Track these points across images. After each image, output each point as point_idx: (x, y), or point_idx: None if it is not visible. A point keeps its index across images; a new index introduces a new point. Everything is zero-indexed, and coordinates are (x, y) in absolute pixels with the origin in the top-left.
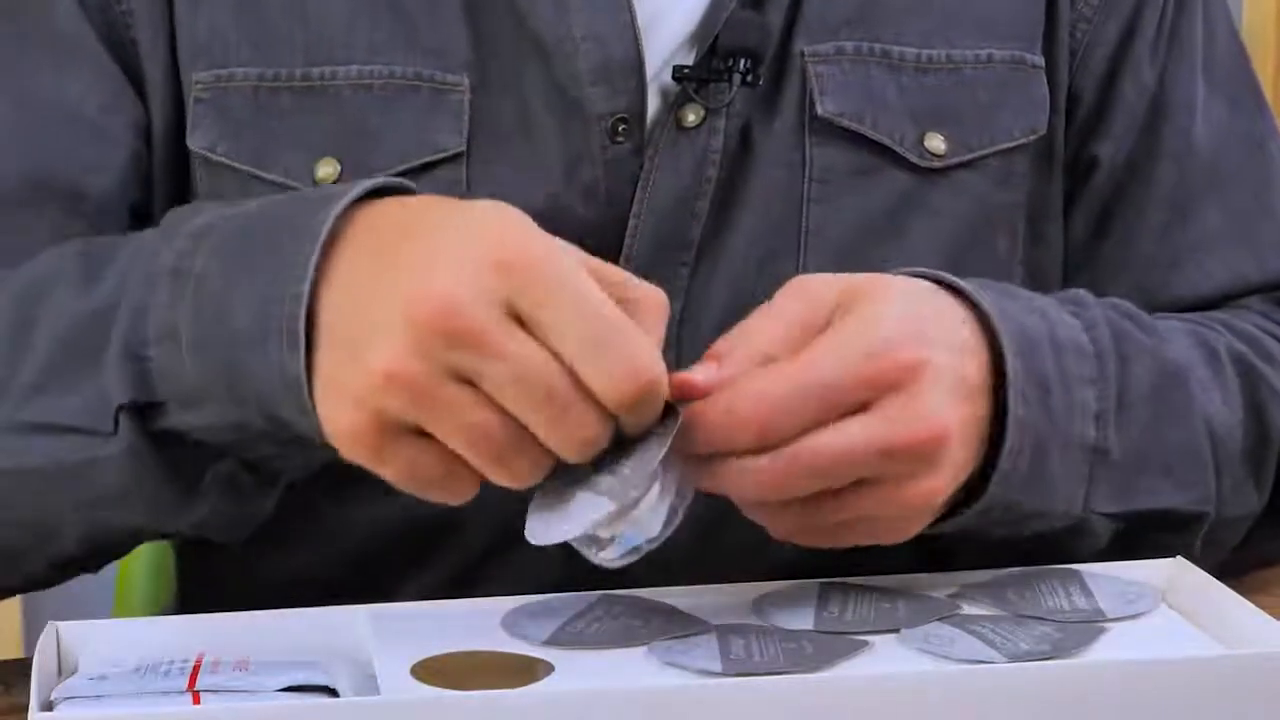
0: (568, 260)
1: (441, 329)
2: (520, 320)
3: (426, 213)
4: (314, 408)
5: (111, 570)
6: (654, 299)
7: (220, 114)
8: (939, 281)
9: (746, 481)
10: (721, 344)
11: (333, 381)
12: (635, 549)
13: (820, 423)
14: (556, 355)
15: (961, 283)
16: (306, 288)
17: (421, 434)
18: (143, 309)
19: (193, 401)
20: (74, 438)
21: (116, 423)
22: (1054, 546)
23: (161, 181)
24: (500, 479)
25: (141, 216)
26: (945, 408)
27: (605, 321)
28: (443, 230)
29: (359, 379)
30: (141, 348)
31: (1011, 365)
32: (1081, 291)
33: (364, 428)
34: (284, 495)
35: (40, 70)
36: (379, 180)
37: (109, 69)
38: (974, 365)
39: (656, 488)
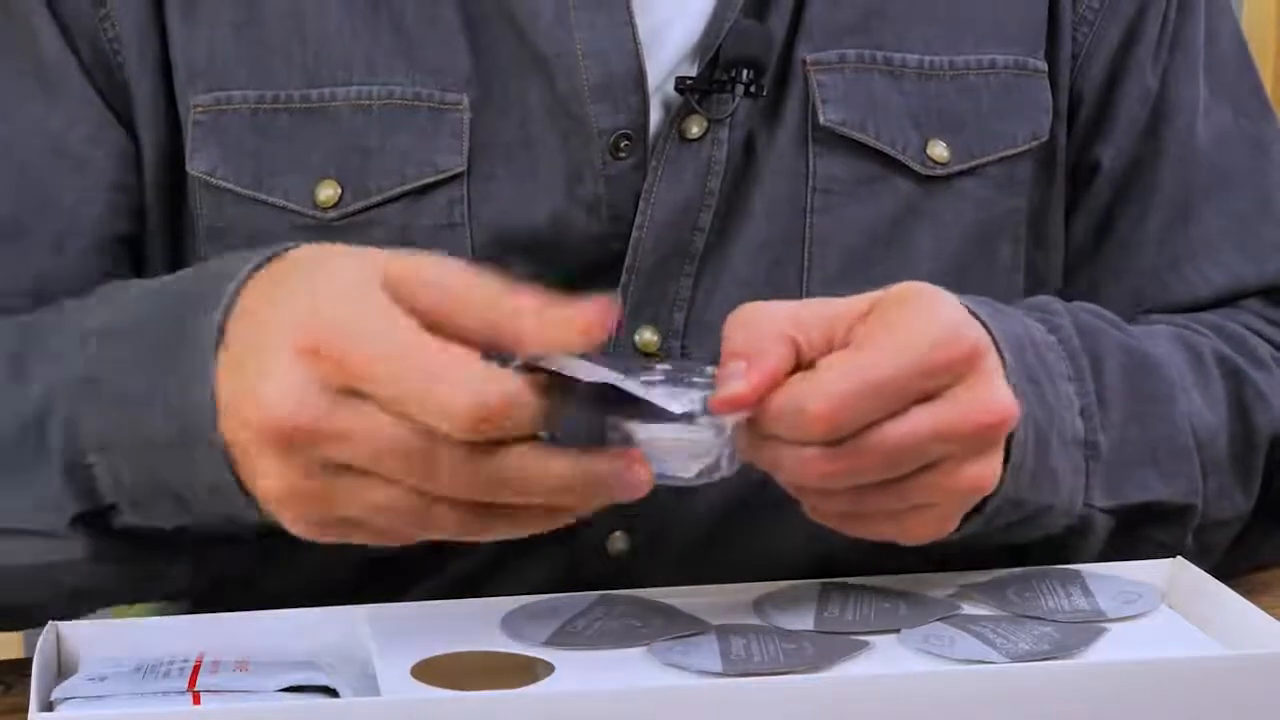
0: (379, 322)
1: (289, 441)
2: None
3: (270, 290)
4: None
5: None
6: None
7: (219, 137)
8: None
9: (810, 470)
10: (734, 336)
11: (261, 494)
12: (664, 476)
13: (887, 413)
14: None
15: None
16: (209, 398)
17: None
18: (74, 420)
19: (140, 505)
20: (35, 540)
21: (75, 530)
22: (1054, 551)
23: (156, 208)
24: (438, 533)
25: (133, 247)
26: (1005, 391)
27: (419, 372)
28: (269, 321)
29: (268, 499)
30: (81, 457)
31: (1007, 360)
32: (1046, 298)
33: (308, 527)
34: None
35: (28, 101)
36: (257, 255)
37: (92, 100)
38: None
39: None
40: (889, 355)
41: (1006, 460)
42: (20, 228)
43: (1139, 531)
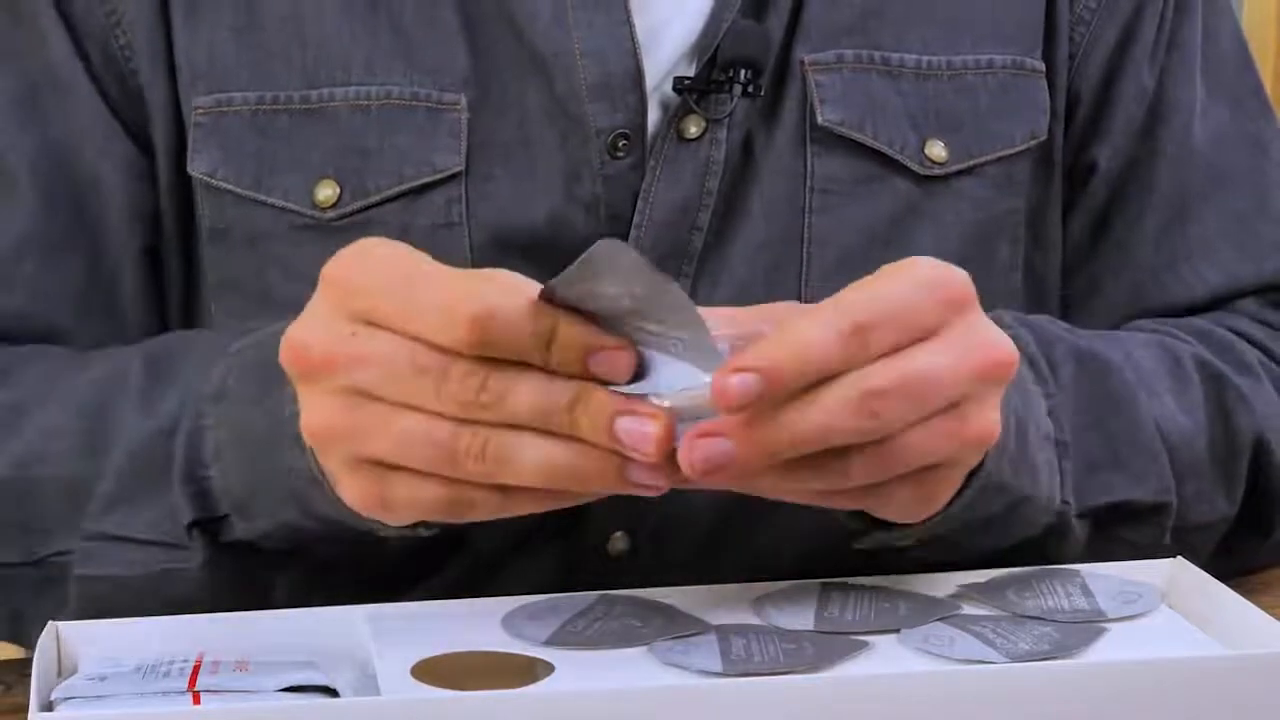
0: (387, 249)
1: (312, 369)
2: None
3: None
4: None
5: None
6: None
7: (220, 138)
8: None
9: (843, 411)
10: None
11: (306, 435)
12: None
13: (892, 348)
14: (415, 337)
15: None
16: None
17: (401, 470)
18: (198, 432)
19: (247, 512)
20: (154, 549)
21: (190, 537)
22: (1036, 556)
23: (170, 212)
24: (469, 473)
25: (153, 254)
26: (1002, 333)
27: (424, 286)
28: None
29: (309, 439)
30: (201, 468)
31: None
32: (999, 312)
33: (355, 488)
34: None
35: (50, 113)
36: None
37: (101, 111)
38: None
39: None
40: (881, 290)
41: None
42: (53, 242)
43: (1114, 532)
